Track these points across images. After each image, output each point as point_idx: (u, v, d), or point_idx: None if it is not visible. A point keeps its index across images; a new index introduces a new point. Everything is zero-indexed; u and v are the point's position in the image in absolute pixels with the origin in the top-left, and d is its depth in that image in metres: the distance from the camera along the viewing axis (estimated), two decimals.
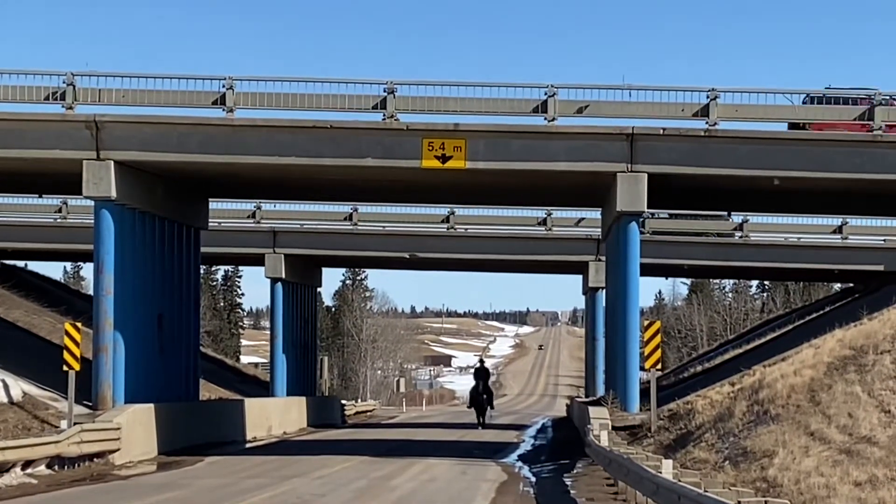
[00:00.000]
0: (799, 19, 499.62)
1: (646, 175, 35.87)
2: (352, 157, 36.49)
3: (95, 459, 31.25)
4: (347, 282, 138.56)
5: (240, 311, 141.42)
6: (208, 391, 52.31)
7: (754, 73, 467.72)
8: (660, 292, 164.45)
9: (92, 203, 37.30)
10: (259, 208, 59.15)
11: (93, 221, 37.09)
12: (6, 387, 33.82)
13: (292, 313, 62.16)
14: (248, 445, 42.59)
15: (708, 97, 36.26)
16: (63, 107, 36.32)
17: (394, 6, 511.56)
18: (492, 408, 59.54)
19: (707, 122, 36.22)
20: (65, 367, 32.52)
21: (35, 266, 72.68)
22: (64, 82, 36.36)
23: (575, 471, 31.09)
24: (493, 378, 63.78)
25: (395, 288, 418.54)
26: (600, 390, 54.74)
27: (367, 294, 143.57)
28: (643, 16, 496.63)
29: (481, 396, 57.11)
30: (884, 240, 59.29)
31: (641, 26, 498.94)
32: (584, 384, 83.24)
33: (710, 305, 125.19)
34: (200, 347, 48.99)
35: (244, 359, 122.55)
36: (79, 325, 33.99)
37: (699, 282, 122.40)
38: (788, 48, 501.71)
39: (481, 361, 61.35)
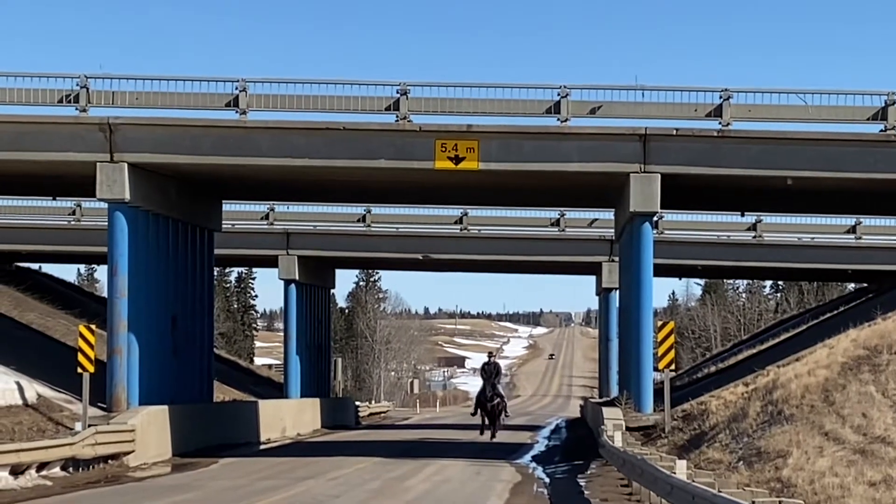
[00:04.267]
0: (812, 19, 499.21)
1: (659, 175, 35.85)
2: (365, 158, 36.53)
3: (110, 461, 31.33)
4: (361, 283, 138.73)
5: (253, 312, 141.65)
6: (222, 393, 52.37)
7: (767, 72, 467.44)
8: (673, 293, 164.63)
9: (106, 205, 37.37)
10: (272, 210, 59.24)
11: (107, 223, 37.16)
12: (21, 389, 33.91)
13: (306, 315, 62.24)
14: (262, 447, 42.65)
15: (721, 97, 36.24)
16: (77, 109, 36.41)
17: (407, 8, 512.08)
18: (506, 414, 48.34)
19: (720, 123, 36.20)
20: (79, 370, 32.57)
21: (49, 268, 73.11)
22: (77, 85, 36.43)
23: (589, 471, 31.10)
24: (506, 378, 54.15)
25: (408, 289, 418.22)
26: (614, 391, 54.69)
27: (381, 295, 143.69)
28: (656, 16, 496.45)
29: (492, 400, 46.63)
30: None
31: (654, 27, 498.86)
32: (597, 385, 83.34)
33: (723, 306, 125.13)
34: (214, 349, 49.07)
35: (258, 360, 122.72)
36: (93, 327, 34.02)
37: (713, 282, 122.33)
38: (802, 48, 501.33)
39: (490, 356, 49.58)
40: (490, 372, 47.29)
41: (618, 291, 49.97)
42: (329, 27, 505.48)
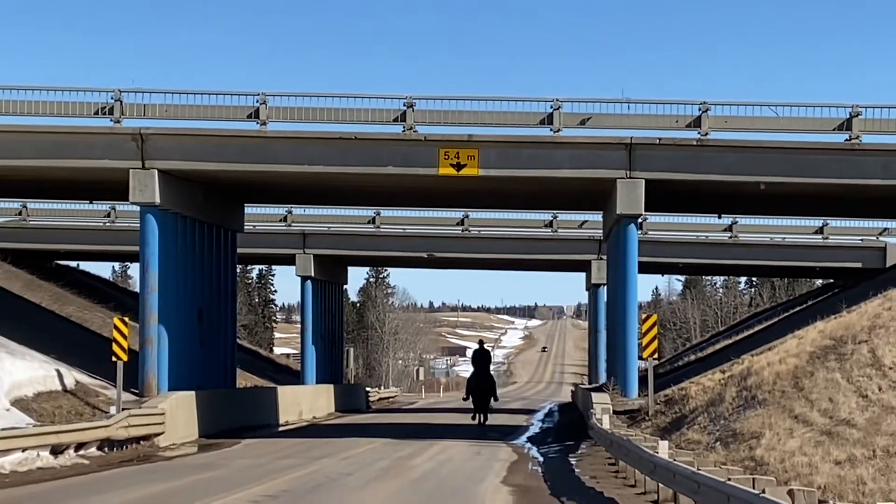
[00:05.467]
0: (782, 38, 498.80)
1: (643, 181, 35.84)
2: (374, 165, 36.54)
3: (142, 442, 31.33)
4: (371, 279, 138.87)
5: (273, 306, 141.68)
6: (244, 379, 52.39)
7: (742, 86, 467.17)
8: (656, 288, 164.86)
9: (138, 208, 37.41)
10: (290, 212, 59.27)
11: (139, 225, 37.18)
12: (61, 376, 33.94)
13: (321, 308, 62.27)
14: (280, 429, 42.64)
15: (700, 109, 36.22)
16: (111, 120, 36.42)
17: (413, 30, 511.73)
18: (495, 398, 46.53)
19: (699, 133, 36.18)
20: (114, 358, 32.61)
21: (86, 266, 72.91)
22: (112, 98, 36.45)
23: (579, 451, 31.05)
24: (503, 366, 53.58)
25: (414, 285, 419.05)
26: (602, 378, 54.63)
27: (389, 290, 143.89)
28: (641, 35, 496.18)
29: (481, 385, 45.46)
30: (861, 239, 59.34)
31: (639, 44, 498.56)
32: (587, 372, 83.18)
33: (702, 300, 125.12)
34: (237, 340, 49.06)
35: (277, 350, 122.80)
36: (126, 319, 34.07)
37: (692, 278, 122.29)
38: (772, 64, 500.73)
39: (480, 344, 48.30)
40: (480, 357, 46.53)
41: (606, 287, 49.92)
42: (341, 45, 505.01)
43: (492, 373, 47.05)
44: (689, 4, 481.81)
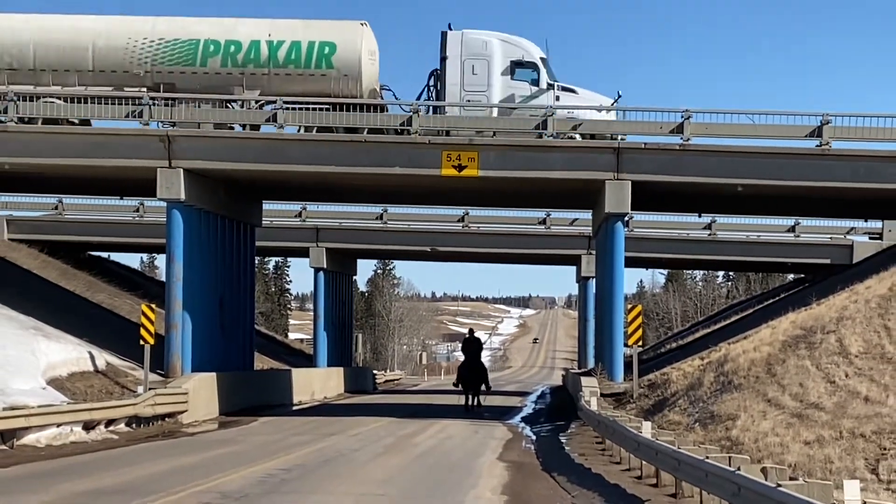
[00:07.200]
0: (756, 51, 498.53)
1: (630, 182, 35.81)
2: (382, 166, 36.47)
3: (167, 419, 31.36)
4: (378, 271, 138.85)
5: (288, 295, 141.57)
6: (261, 362, 52.37)
7: (722, 95, 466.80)
8: (641, 281, 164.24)
9: (164, 204, 37.37)
10: (304, 209, 59.25)
11: (165, 219, 37.16)
12: (93, 357, 33.94)
13: (332, 297, 62.29)
14: (294, 408, 42.66)
15: (682, 117, 36.16)
16: (140, 123, 36.40)
17: (418, 35, 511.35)
18: (486, 387, 42.68)
19: (682, 138, 36.12)
20: (141, 342, 32.62)
21: (117, 257, 72.94)
22: (141, 102, 36.41)
23: (569, 430, 31.08)
24: (500, 352, 51.44)
25: (418, 276, 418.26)
26: (591, 363, 54.60)
27: (395, 281, 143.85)
28: (629, 46, 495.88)
29: (472, 374, 42.16)
30: (830, 237, 59.34)
31: (628, 53, 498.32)
32: (577, 358, 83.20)
33: (683, 292, 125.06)
34: (255, 326, 49.04)
35: (291, 335, 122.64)
36: (153, 306, 34.04)
37: (674, 272, 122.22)
38: (751, 74, 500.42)
39: (471, 332, 43.80)
40: (470, 346, 43.18)
41: (594, 279, 49.94)
42: None
43: (483, 361, 43.92)
44: (679, 10, 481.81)
